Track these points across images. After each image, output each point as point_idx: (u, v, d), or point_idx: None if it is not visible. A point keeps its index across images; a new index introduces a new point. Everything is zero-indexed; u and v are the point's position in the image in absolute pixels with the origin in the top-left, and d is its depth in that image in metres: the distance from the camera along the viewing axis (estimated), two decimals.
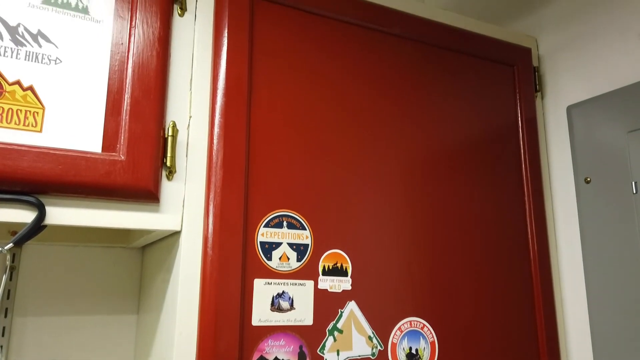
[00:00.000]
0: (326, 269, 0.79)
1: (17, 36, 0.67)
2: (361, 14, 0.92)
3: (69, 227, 0.80)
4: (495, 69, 1.06)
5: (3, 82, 0.65)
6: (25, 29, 0.67)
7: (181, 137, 0.75)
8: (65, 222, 0.65)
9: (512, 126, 1.05)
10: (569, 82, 1.06)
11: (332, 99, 0.86)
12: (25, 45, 0.67)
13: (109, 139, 0.69)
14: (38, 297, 0.88)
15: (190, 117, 0.76)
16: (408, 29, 0.96)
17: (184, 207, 0.73)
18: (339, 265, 0.80)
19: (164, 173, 0.72)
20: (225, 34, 0.79)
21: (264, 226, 0.76)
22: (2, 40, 0.66)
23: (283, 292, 0.75)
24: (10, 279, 0.63)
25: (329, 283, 0.79)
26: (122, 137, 0.70)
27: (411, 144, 0.92)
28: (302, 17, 0.87)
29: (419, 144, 0.93)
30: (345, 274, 0.80)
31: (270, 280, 0.75)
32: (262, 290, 0.74)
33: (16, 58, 0.66)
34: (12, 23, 0.67)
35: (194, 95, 0.77)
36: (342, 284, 0.80)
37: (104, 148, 0.69)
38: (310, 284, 0.77)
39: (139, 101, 0.71)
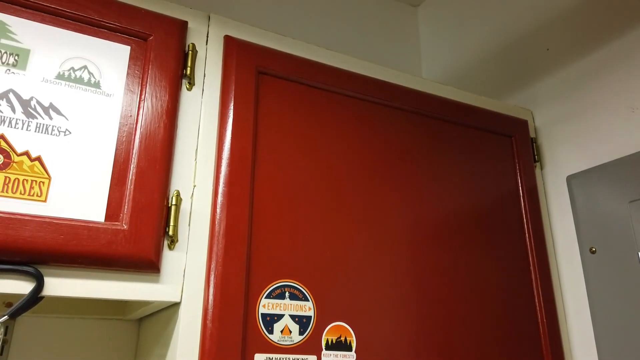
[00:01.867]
0: (329, 343, 0.76)
1: (29, 109, 0.69)
2: (361, 87, 0.96)
3: (66, 298, 0.78)
4: (494, 140, 1.09)
5: (12, 153, 0.66)
6: (38, 102, 0.70)
7: (184, 206, 0.75)
8: (63, 293, 0.64)
9: (513, 195, 1.06)
10: (567, 153, 1.08)
11: (335, 170, 0.87)
12: (37, 118, 0.69)
13: (113, 209, 0.69)
14: None
15: (195, 186, 0.77)
16: (408, 102, 1.00)
17: (184, 277, 0.71)
18: (342, 339, 0.77)
19: (165, 242, 0.72)
20: (231, 107, 0.82)
21: (266, 297, 0.74)
22: (14, 112, 0.68)
23: None
24: (1, 354, 0.60)
25: (332, 358, 0.75)
26: (126, 207, 0.70)
27: (414, 214, 0.92)
28: (305, 90, 0.90)
29: (423, 214, 0.93)
30: (349, 348, 0.77)
31: (271, 356, 0.72)
32: None
33: (26, 130, 0.68)
34: (25, 97, 0.69)
35: (198, 165, 0.78)
36: (346, 359, 0.76)
37: (107, 217, 0.69)
38: (313, 359, 0.74)
39: (145, 171, 0.72)
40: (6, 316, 0.61)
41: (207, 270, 0.72)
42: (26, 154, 0.67)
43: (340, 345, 0.77)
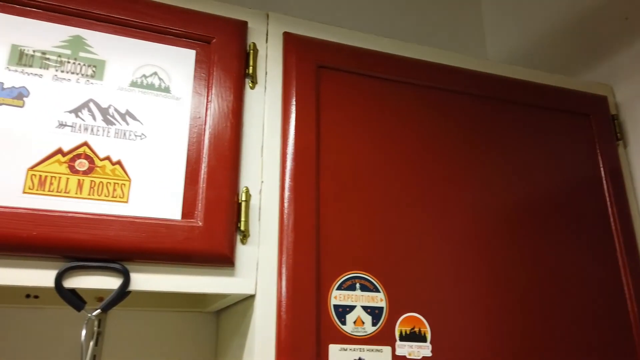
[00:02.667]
0: (403, 334, 0.75)
1: (107, 116, 0.74)
2: (423, 74, 0.93)
3: (150, 292, 0.83)
4: (570, 120, 1.02)
5: (95, 159, 0.71)
6: (115, 109, 0.74)
7: (254, 202, 0.77)
8: (148, 287, 0.68)
9: (594, 178, 0.99)
10: None
11: (400, 159, 0.86)
12: (115, 124, 0.73)
13: (188, 207, 0.73)
14: None
15: (262, 182, 0.79)
16: (473, 86, 0.96)
17: (257, 270, 0.74)
18: (416, 330, 0.76)
19: (238, 237, 0.74)
20: (293, 103, 0.83)
21: (337, 289, 0.75)
22: (95, 120, 0.73)
23: (359, 358, 0.72)
24: (96, 344, 0.65)
25: (407, 349, 0.75)
26: (200, 204, 0.73)
27: (487, 202, 0.89)
28: (365, 81, 0.89)
29: (496, 202, 0.89)
30: (424, 339, 0.76)
31: (345, 346, 0.72)
32: (338, 357, 0.71)
33: (107, 136, 0.72)
34: (104, 105, 0.74)
35: (265, 162, 0.80)
36: (421, 350, 0.75)
37: (183, 215, 0.72)
38: (387, 350, 0.74)
39: (215, 169, 0.75)
40: (99, 310, 0.66)
41: (278, 263, 0.74)
42: (108, 158, 0.71)
43: (414, 336, 0.76)
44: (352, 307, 0.74)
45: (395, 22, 1.41)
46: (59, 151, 0.69)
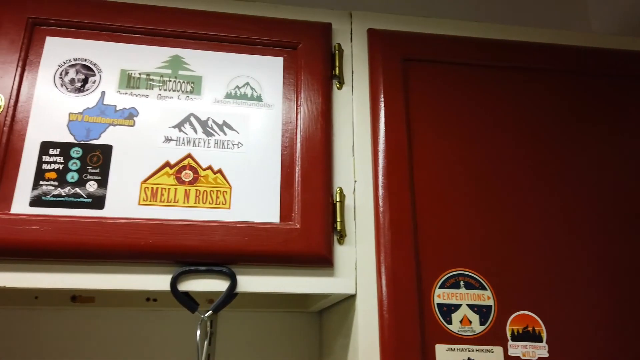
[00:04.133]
0: (516, 333, 0.71)
1: (207, 128, 0.78)
2: (518, 55, 0.88)
3: (255, 293, 0.86)
4: None
5: (199, 169, 0.75)
6: (214, 121, 0.78)
7: (348, 202, 0.77)
8: (253, 289, 0.71)
9: None
10: None
11: (499, 148, 0.81)
12: (214, 135, 0.78)
13: (285, 210, 0.74)
14: None
15: (355, 181, 0.78)
16: (578, 63, 0.88)
17: (356, 270, 0.73)
18: (530, 329, 0.71)
19: (335, 238, 0.75)
20: (381, 99, 0.82)
21: (440, 287, 0.72)
22: (197, 133, 0.77)
23: (469, 359, 0.69)
24: (210, 344, 0.69)
25: (521, 349, 0.70)
26: (296, 207, 0.74)
27: (601, 189, 0.81)
28: (454, 70, 0.86)
29: (612, 188, 0.81)
30: (539, 339, 0.71)
31: (453, 346, 0.69)
32: (445, 357, 0.69)
33: (207, 147, 0.77)
34: (203, 118, 0.78)
35: (357, 161, 0.80)
36: (537, 350, 0.70)
37: (281, 218, 0.74)
38: (499, 350, 0.70)
39: (309, 172, 0.76)
40: (210, 311, 0.70)
41: (377, 263, 0.73)
42: (209, 168, 0.75)
43: (528, 336, 0.71)
44: (457, 306, 0.71)
45: (481, 5, 1.34)
46: (167, 164, 0.74)
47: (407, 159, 0.78)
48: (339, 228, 0.74)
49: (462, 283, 0.73)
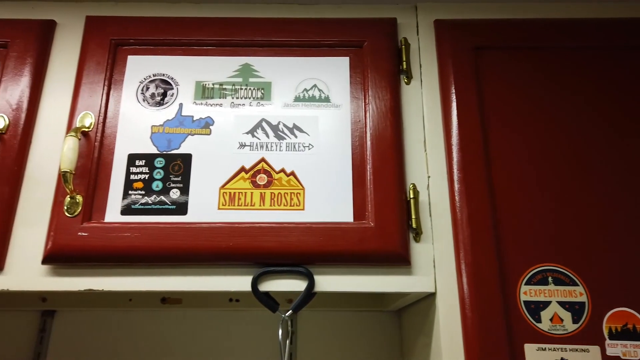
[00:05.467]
0: (613, 331, 0.66)
1: (278, 132, 0.80)
2: (599, 34, 0.81)
3: (332, 293, 0.87)
4: None
5: (272, 172, 0.77)
6: (284, 125, 0.80)
7: (423, 198, 0.75)
8: (330, 288, 0.71)
9: None
10: None
11: (578, 134, 0.76)
12: (285, 138, 0.79)
13: (359, 208, 0.74)
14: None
15: (429, 177, 0.77)
16: None
17: (435, 268, 0.72)
18: (630, 326, 0.66)
19: (411, 235, 0.73)
20: (453, 91, 0.79)
21: (525, 283, 0.69)
22: (268, 137, 0.79)
23: (562, 359, 0.65)
24: (291, 343, 0.71)
25: (620, 349, 0.65)
26: (369, 205, 0.74)
27: None
28: (529, 55, 0.81)
29: None
30: None
31: (543, 346, 0.66)
32: (536, 357, 0.65)
33: (279, 150, 0.78)
34: (274, 122, 0.80)
35: (429, 156, 0.78)
36: (639, 349, 0.65)
37: (355, 217, 0.74)
38: (595, 350, 0.65)
39: (380, 170, 0.75)
40: (290, 310, 0.71)
41: (456, 259, 0.71)
42: (282, 171, 0.77)
43: (628, 334, 0.65)
44: (546, 303, 0.67)
45: None
46: (242, 169, 0.77)
47: (482, 151, 0.75)
48: (414, 225, 0.73)
49: (550, 279, 0.68)
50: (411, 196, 0.75)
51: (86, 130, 0.77)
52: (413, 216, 0.74)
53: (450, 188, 0.75)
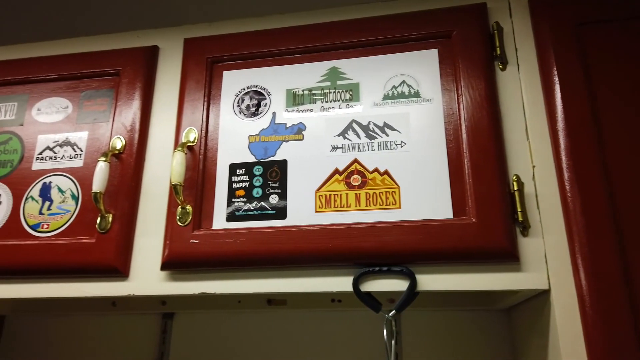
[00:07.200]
0: None
1: (369, 132, 0.79)
2: None
3: (435, 292, 0.85)
4: None
5: (366, 173, 0.77)
6: (374, 124, 0.80)
7: (528, 189, 0.71)
8: (434, 288, 0.69)
9: None
10: None
11: None
12: (376, 138, 0.79)
13: (458, 204, 0.72)
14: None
15: (534, 166, 0.72)
16: None
17: (547, 263, 0.67)
18: None
19: (517, 229, 0.69)
20: (555, 73, 0.74)
21: None
22: (360, 138, 0.79)
23: None
24: (396, 343, 0.70)
25: None
26: (470, 200, 0.71)
27: None
28: (636, 26, 0.73)
29: None
30: None
31: None
32: None
33: (371, 150, 0.78)
34: (364, 122, 0.80)
35: (533, 144, 0.73)
36: None
37: (455, 214, 0.71)
38: None
39: (478, 163, 0.72)
40: (394, 310, 0.71)
41: (571, 253, 0.66)
42: (376, 170, 0.77)
43: None
44: None
45: None
46: (336, 171, 0.78)
47: (593, 134, 0.69)
48: (520, 219, 0.69)
49: None
50: (515, 188, 0.71)
51: (191, 144, 0.82)
52: (519, 209, 0.69)
53: (559, 177, 0.70)
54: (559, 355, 0.63)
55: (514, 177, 0.71)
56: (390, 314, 0.71)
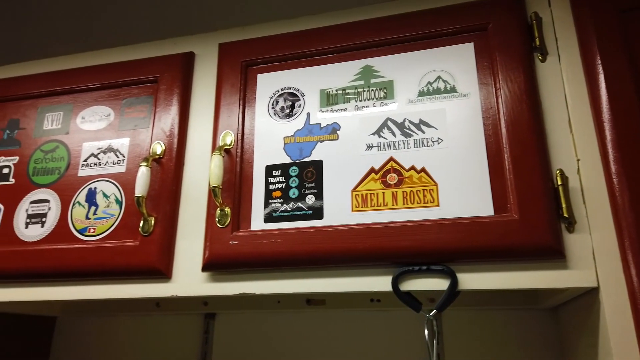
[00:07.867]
0: None
1: (404, 129, 0.78)
2: None
3: (477, 291, 0.83)
4: None
5: (402, 171, 0.76)
6: (410, 122, 0.79)
7: (573, 184, 0.68)
8: (475, 286, 0.68)
9: None
10: None
11: None
12: (412, 135, 0.78)
13: (499, 201, 0.70)
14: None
15: (578, 160, 0.69)
16: None
17: (595, 260, 0.64)
18: None
19: (562, 225, 0.67)
20: (599, 62, 0.71)
21: None
22: (395, 136, 0.78)
23: None
24: (438, 343, 0.69)
25: None
26: (511, 197, 0.69)
27: None
28: None
29: None
30: None
31: None
32: None
33: (407, 148, 0.77)
34: (399, 120, 0.79)
35: (576, 137, 0.70)
36: None
37: (495, 210, 0.70)
38: None
39: (519, 157, 0.70)
40: (435, 310, 0.69)
41: (620, 249, 0.63)
42: (412, 168, 0.76)
43: None
44: None
45: None
46: (372, 170, 0.77)
47: None
48: (565, 214, 0.66)
49: None
50: (559, 183, 0.68)
51: (228, 147, 0.84)
52: (563, 205, 0.67)
53: (606, 170, 0.67)
54: (610, 355, 0.61)
55: (558, 172, 0.69)
56: (431, 314, 0.70)
